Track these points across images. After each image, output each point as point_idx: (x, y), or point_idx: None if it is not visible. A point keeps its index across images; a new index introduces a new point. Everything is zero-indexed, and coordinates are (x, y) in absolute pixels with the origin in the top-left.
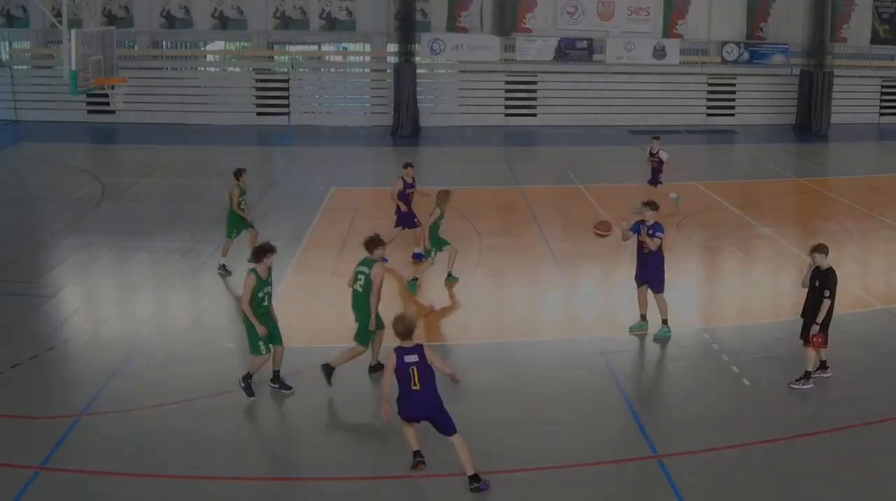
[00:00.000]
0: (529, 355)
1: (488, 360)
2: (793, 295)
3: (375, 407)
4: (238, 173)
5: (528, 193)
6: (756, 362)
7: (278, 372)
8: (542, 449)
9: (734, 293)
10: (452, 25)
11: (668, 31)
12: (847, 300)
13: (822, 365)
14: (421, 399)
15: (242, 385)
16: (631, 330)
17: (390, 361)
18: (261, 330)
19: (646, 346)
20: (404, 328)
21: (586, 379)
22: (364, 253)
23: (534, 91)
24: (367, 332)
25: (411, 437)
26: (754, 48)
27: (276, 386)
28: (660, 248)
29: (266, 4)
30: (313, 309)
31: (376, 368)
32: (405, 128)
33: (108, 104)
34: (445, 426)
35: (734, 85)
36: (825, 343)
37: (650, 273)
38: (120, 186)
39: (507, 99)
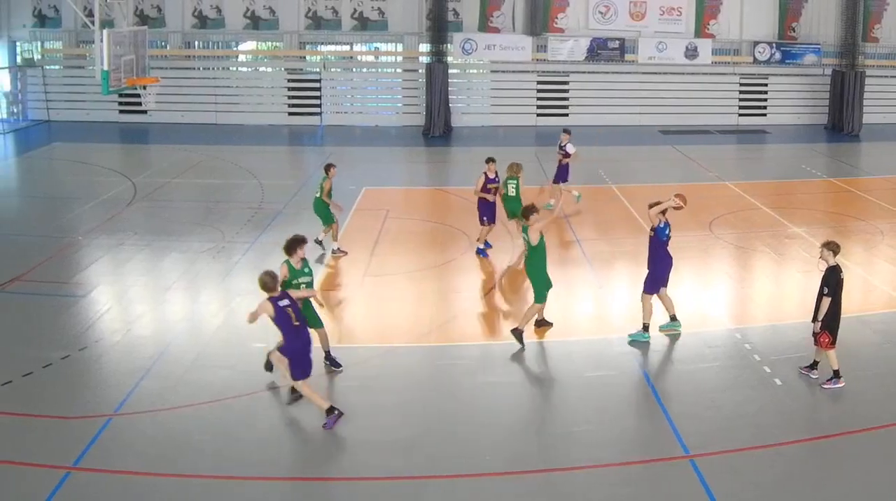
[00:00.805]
0: (561, 354)
1: (520, 360)
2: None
3: (413, 410)
4: (328, 167)
5: (560, 193)
6: (788, 362)
7: (328, 351)
8: (573, 449)
9: (766, 293)
10: (484, 25)
11: (700, 31)
12: (880, 300)
13: (813, 365)
14: (304, 332)
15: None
16: (661, 329)
17: (269, 309)
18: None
19: (677, 346)
20: (271, 281)
21: (618, 378)
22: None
23: (566, 91)
24: (541, 292)
25: (317, 395)
26: (786, 48)
27: (328, 363)
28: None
29: (298, 4)
30: (346, 310)
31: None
32: (437, 128)
33: (139, 104)
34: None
35: (766, 85)
36: (832, 342)
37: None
38: (151, 186)
39: (539, 99)
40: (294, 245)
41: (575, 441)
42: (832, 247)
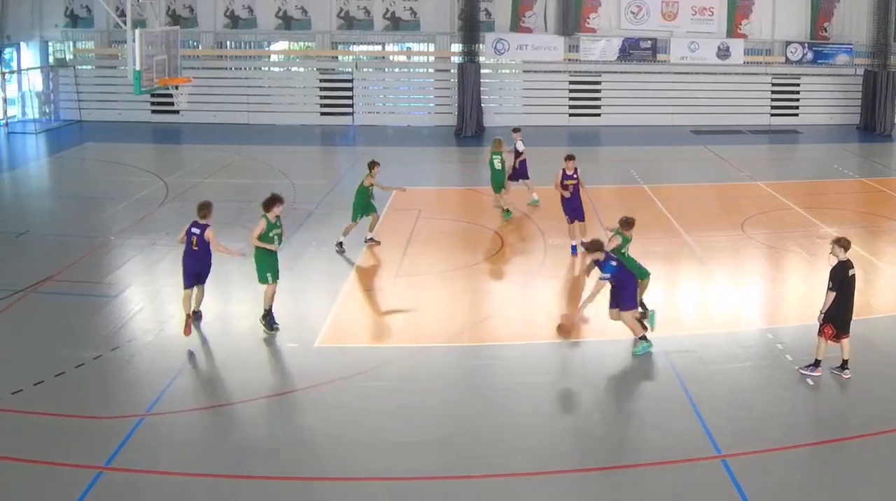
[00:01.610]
0: (593, 355)
1: (551, 360)
2: (856, 295)
3: (444, 410)
4: (371, 165)
5: (591, 193)
6: (821, 364)
7: (268, 309)
8: (605, 449)
9: (798, 293)
10: (516, 25)
11: (733, 31)
12: None
13: (815, 363)
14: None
15: (263, 323)
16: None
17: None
18: (273, 249)
19: (709, 347)
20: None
21: (650, 379)
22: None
23: (598, 91)
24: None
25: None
26: (818, 48)
27: (264, 323)
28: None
29: (330, 4)
30: (378, 310)
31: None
32: (469, 128)
33: (171, 104)
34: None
35: (798, 85)
36: (836, 336)
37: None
38: (183, 186)
39: (571, 99)
40: (271, 203)
41: (606, 441)
42: (843, 243)
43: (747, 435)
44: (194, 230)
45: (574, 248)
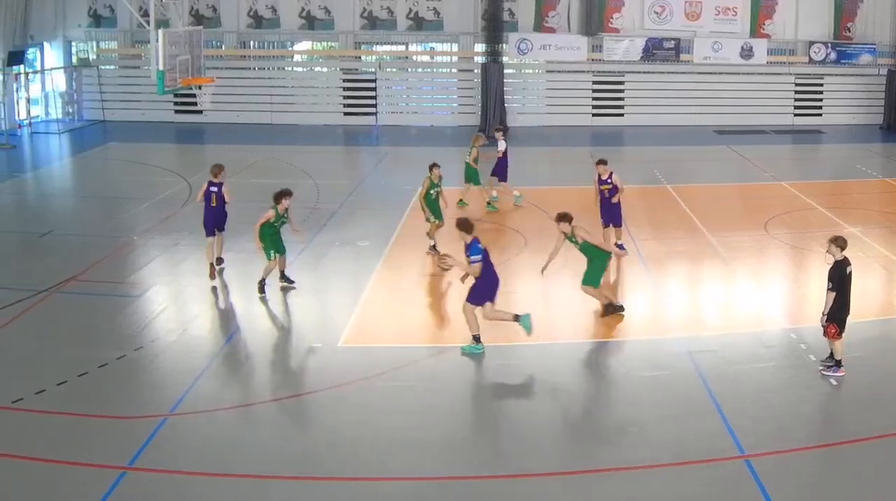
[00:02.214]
0: (616, 355)
1: (574, 360)
2: (879, 295)
3: (468, 410)
4: (431, 167)
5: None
6: (843, 362)
7: (283, 271)
8: (627, 449)
9: (821, 293)
10: (540, 25)
11: (756, 31)
12: None
13: (837, 364)
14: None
15: (258, 288)
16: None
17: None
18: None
19: (733, 347)
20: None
21: (673, 378)
22: None
23: (621, 91)
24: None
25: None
26: (841, 48)
27: (283, 282)
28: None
29: (353, 4)
30: (401, 310)
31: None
32: (492, 127)
33: (195, 104)
34: None
35: (821, 85)
36: (839, 334)
37: None
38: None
39: (595, 99)
40: (280, 196)
41: (630, 440)
42: (839, 242)
43: (771, 435)
44: (213, 188)
45: (621, 245)
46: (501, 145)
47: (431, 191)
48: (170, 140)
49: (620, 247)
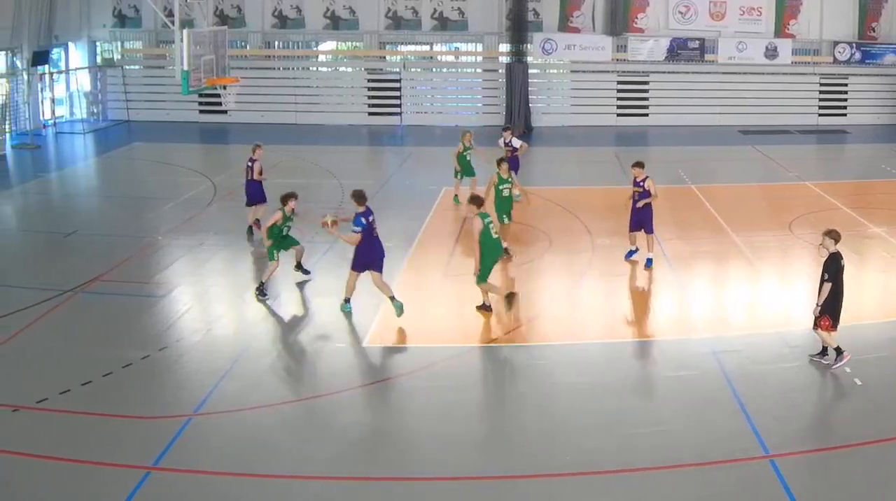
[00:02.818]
0: (641, 355)
1: (599, 360)
2: None
3: (492, 409)
4: (498, 162)
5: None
6: (867, 362)
7: (300, 261)
8: (652, 449)
9: (846, 293)
10: (564, 25)
11: (780, 31)
12: None
13: (823, 351)
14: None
15: (257, 291)
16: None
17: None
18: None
19: (757, 347)
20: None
21: (698, 378)
22: None
23: (646, 91)
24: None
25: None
26: (866, 48)
27: (299, 271)
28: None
29: (378, 4)
30: (426, 309)
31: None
32: (517, 127)
33: (219, 104)
34: None
35: (846, 85)
36: (833, 326)
37: None
38: (231, 186)
39: (619, 99)
40: (287, 198)
41: (655, 441)
42: (833, 235)
43: (795, 435)
44: (249, 163)
45: (630, 253)
46: (517, 142)
47: (500, 187)
48: (194, 140)
49: (631, 253)
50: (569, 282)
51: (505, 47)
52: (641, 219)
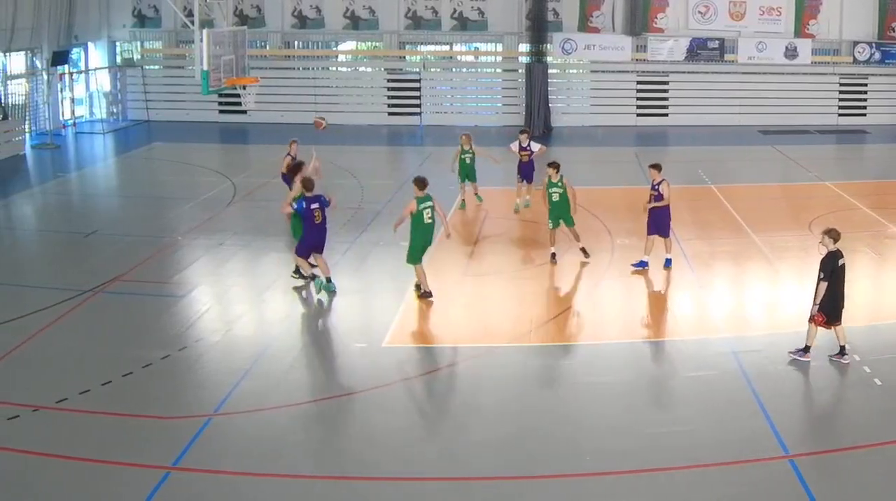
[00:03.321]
0: (661, 354)
1: (619, 360)
2: None
3: (513, 410)
4: (549, 165)
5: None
6: (887, 362)
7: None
8: (672, 449)
9: (865, 293)
10: (584, 25)
11: (800, 31)
12: None
13: (805, 348)
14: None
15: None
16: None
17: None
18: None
19: (777, 346)
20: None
21: (717, 378)
22: None
23: (665, 91)
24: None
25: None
26: (886, 48)
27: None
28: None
29: (398, 4)
30: (445, 310)
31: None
32: (537, 128)
33: (239, 104)
34: None
35: (866, 85)
36: (827, 322)
37: None
38: (251, 186)
39: (639, 99)
40: (297, 172)
41: (675, 441)
42: (832, 234)
43: (815, 435)
44: (286, 156)
45: (643, 263)
46: (536, 146)
47: (550, 191)
48: (214, 140)
49: (641, 264)
50: (589, 282)
51: (524, 47)
52: (654, 223)
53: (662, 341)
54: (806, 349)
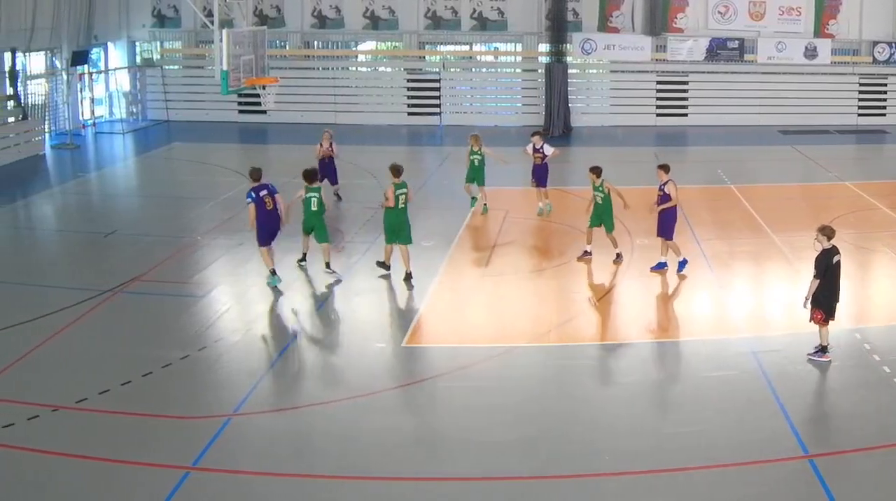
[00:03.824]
0: (680, 354)
1: (639, 360)
2: None
3: (530, 410)
4: (591, 169)
5: (679, 193)
6: (829, 348)
7: (328, 262)
8: (691, 449)
9: (885, 293)
10: (604, 25)
11: (820, 30)
12: None
13: (822, 349)
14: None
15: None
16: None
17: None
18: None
19: (797, 346)
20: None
21: (737, 378)
22: None
23: (685, 91)
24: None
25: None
26: None
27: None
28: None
29: (417, 4)
30: (465, 310)
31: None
32: (556, 128)
33: (258, 104)
34: None
35: (885, 85)
36: (824, 319)
37: None
38: None
39: (659, 99)
40: (313, 176)
41: (694, 441)
42: (826, 232)
43: (834, 435)
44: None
45: (661, 264)
46: (549, 149)
47: (595, 194)
48: (233, 140)
49: (660, 265)
50: (607, 283)
51: (544, 47)
52: (659, 224)
53: (682, 341)
54: (823, 349)
